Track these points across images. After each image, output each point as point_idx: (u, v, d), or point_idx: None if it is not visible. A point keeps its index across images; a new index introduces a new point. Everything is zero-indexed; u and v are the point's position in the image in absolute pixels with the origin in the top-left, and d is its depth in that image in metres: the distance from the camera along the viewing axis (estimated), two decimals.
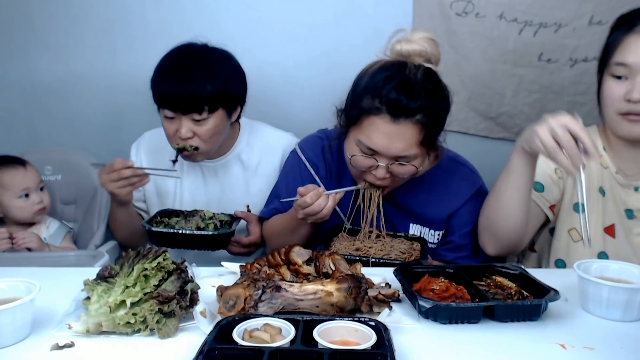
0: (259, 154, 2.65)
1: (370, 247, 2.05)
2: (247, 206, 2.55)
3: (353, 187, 2.15)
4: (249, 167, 2.65)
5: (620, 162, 2.14)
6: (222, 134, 2.48)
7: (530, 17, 3.07)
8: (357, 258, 1.90)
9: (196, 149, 2.40)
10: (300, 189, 2.01)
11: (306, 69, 3.20)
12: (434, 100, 2.01)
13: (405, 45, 2.04)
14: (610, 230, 2.12)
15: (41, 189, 2.79)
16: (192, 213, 2.45)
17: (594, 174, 2.15)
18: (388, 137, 1.98)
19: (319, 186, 2.20)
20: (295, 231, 2.15)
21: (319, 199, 1.98)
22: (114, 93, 3.29)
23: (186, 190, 2.68)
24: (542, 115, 1.77)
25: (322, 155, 2.35)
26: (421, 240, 2.15)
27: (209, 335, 1.30)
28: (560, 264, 2.16)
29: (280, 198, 2.31)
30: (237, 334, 1.30)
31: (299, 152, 2.39)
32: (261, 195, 2.56)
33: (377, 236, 2.14)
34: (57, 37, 3.24)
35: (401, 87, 1.97)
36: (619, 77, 1.99)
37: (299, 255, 1.75)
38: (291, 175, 2.38)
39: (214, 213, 2.45)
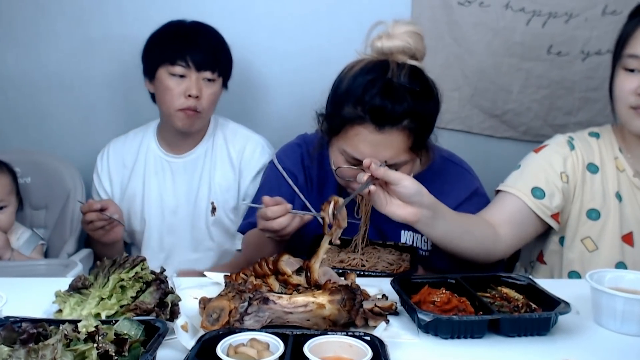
0: (222, 147, 2.81)
1: (353, 259, 2.04)
2: (212, 203, 2.62)
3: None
4: (215, 161, 2.78)
5: (638, 164, 2.15)
6: (214, 107, 2.71)
7: (538, 6, 3.08)
8: (340, 270, 1.88)
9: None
10: (265, 198, 1.98)
11: (295, 62, 3.20)
12: (421, 103, 1.99)
13: (387, 42, 2.01)
14: (628, 239, 2.12)
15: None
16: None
17: (610, 178, 2.15)
18: (374, 147, 1.97)
19: (298, 196, 2.19)
20: (261, 249, 2.10)
21: (282, 217, 1.94)
22: (87, 90, 3.27)
23: (154, 189, 2.79)
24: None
25: (302, 164, 2.34)
26: (411, 250, 2.14)
27: (191, 351, 1.30)
28: (575, 276, 2.16)
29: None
30: (221, 350, 1.29)
31: (276, 162, 2.37)
32: (223, 192, 2.74)
33: (365, 246, 2.12)
34: (26, 29, 3.22)
35: (384, 92, 1.95)
36: (631, 70, 2.01)
37: (289, 264, 1.75)
38: (268, 187, 2.36)
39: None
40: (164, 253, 2.79)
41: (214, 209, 2.65)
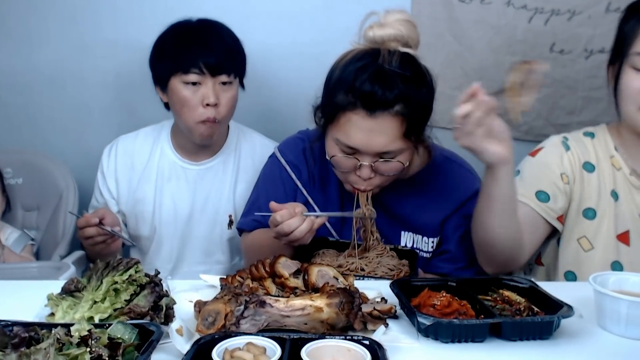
0: (246, 160, 2.76)
1: (352, 263, 2.04)
2: (230, 216, 2.58)
3: (339, 214, 2.13)
4: (236, 173, 2.74)
5: (635, 162, 2.16)
6: (234, 111, 2.62)
7: (541, 3, 3.08)
8: None
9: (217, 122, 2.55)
10: (272, 204, 1.98)
11: (292, 59, 3.20)
12: (413, 88, 1.99)
13: (378, 31, 2.02)
14: (624, 238, 2.13)
15: None
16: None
17: (606, 176, 2.15)
18: (367, 133, 1.98)
19: (301, 192, 2.20)
20: (274, 250, 2.05)
21: (291, 219, 1.93)
22: (80, 90, 3.26)
23: (167, 196, 2.72)
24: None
25: (304, 158, 2.34)
26: (411, 254, 2.14)
27: (186, 355, 1.30)
28: (570, 276, 2.17)
29: (260, 208, 2.29)
30: (216, 354, 1.29)
31: (278, 155, 2.37)
32: (244, 204, 2.62)
33: (365, 250, 2.12)
34: (17, 26, 3.21)
35: (375, 78, 1.96)
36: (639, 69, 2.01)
37: (286, 267, 1.75)
38: (271, 181, 2.36)
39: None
40: (172, 263, 2.76)
41: (231, 222, 2.62)
